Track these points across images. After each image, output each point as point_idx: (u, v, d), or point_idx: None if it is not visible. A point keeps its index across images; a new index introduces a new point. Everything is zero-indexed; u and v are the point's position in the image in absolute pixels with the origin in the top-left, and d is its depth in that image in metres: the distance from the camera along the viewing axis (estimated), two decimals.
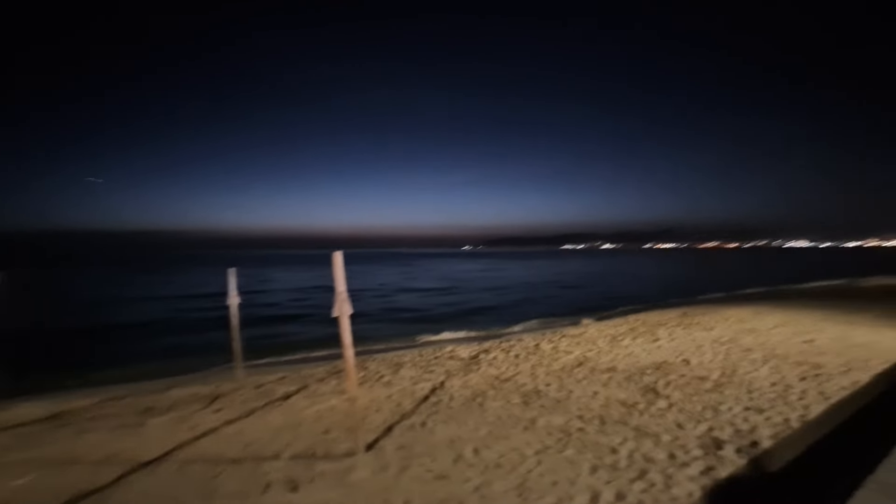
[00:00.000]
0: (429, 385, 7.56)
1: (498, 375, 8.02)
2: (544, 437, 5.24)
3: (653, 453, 4.79)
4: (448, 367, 8.77)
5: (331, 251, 4.82)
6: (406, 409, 6.39)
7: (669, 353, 9.38)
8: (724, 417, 5.77)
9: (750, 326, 12.29)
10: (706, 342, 10.32)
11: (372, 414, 6.20)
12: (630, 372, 7.95)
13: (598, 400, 6.50)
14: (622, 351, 9.65)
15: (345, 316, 4.81)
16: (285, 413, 6.45)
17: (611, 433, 5.33)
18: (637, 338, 11.08)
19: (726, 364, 8.35)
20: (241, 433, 5.71)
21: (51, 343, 15.06)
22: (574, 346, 10.40)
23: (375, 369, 8.88)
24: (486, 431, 5.44)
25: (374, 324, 17.76)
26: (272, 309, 23.60)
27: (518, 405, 6.36)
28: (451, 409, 6.27)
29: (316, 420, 6.06)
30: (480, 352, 10.19)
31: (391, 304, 25.70)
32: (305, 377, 8.62)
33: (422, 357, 9.89)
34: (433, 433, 5.41)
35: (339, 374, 8.73)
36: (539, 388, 7.12)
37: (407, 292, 32.64)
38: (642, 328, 12.66)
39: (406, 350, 11.21)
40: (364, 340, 13.34)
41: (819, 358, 8.60)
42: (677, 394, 6.72)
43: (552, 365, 8.64)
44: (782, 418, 5.70)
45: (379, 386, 7.65)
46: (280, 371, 9.32)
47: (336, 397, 7.08)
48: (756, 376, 7.52)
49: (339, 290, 4.78)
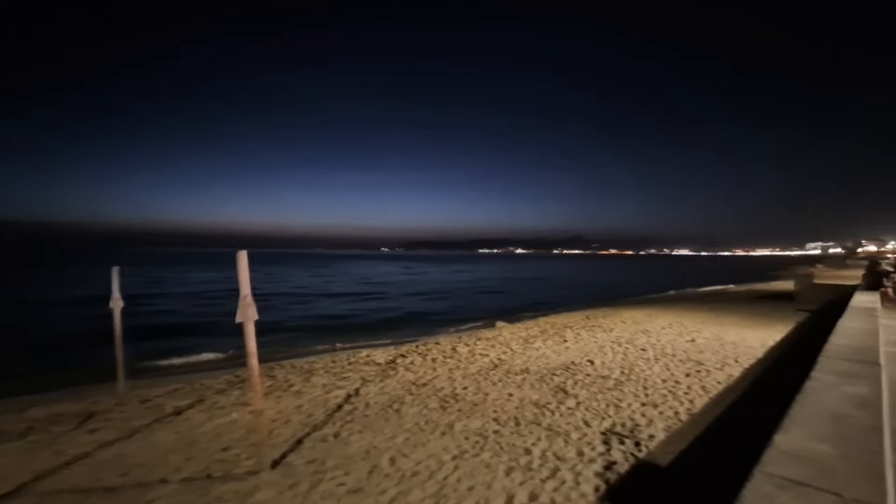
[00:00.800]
0: (343, 393, 7.22)
1: (415, 380, 7.89)
2: (462, 441, 5.22)
3: (563, 451, 4.98)
4: (364, 374, 8.46)
5: (237, 250, 4.36)
6: (318, 419, 6.01)
7: (576, 353, 9.93)
8: (625, 413, 6.20)
9: (644, 328, 13.48)
10: (607, 343, 11.11)
11: (279, 427, 5.74)
12: (542, 373, 8.28)
13: (513, 402, 6.66)
14: (534, 353, 10.04)
15: (249, 321, 4.39)
16: (177, 430, 5.74)
17: (525, 434, 5.45)
18: (547, 340, 11.62)
19: (625, 363, 9.03)
20: (122, 456, 4.97)
21: None
22: (489, 348, 10.62)
23: (284, 378, 8.30)
24: (403, 439, 5.29)
25: (288, 330, 16.69)
26: (166, 313, 21.30)
27: (436, 410, 6.29)
28: (367, 418, 6.02)
29: (214, 437, 5.47)
30: (398, 356, 9.99)
31: (307, 308, 24.47)
32: (202, 389, 7.77)
33: (335, 363, 9.45)
34: (347, 444, 5.14)
35: (241, 384, 8.02)
36: (456, 392, 7.12)
37: (326, 297, 31.36)
38: (551, 330, 13.32)
39: (319, 356, 10.65)
40: (273, 346, 12.49)
41: (700, 356, 9.64)
42: (584, 392, 7.10)
43: (469, 368, 8.71)
44: (673, 412, 6.25)
45: (288, 396, 7.13)
46: (172, 383, 8.32)
47: (238, 410, 6.47)
48: (650, 374, 8.21)
49: (243, 294, 4.35)
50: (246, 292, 4.33)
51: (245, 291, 4.32)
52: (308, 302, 27.47)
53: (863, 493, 1.95)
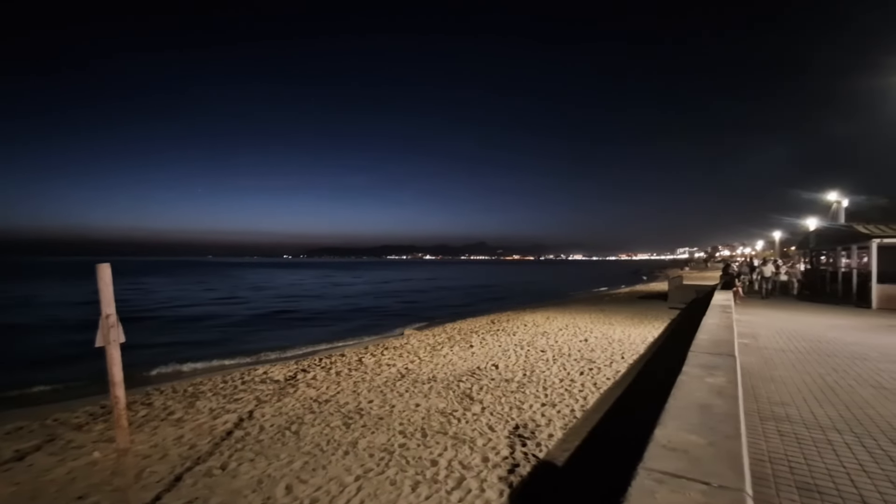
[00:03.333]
0: (234, 417, 6.54)
1: (317, 397, 7.43)
2: (366, 459, 4.98)
3: (469, 459, 4.97)
4: (259, 393, 7.77)
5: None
6: (202, 450, 5.34)
7: (482, 358, 10.14)
8: (527, 415, 6.41)
9: (543, 330, 14.26)
10: (511, 346, 11.53)
11: (154, 464, 5.00)
12: (448, 380, 8.29)
13: (420, 412, 6.55)
14: (441, 360, 10.06)
15: (114, 345, 3.75)
16: (16, 480, 4.73)
17: (431, 445, 5.37)
18: (454, 346, 11.74)
19: (527, 365, 9.42)
20: None
21: None
22: (397, 357, 10.44)
23: (163, 404, 7.31)
24: (302, 463, 4.90)
25: (166, 349, 14.84)
26: (16, 333, 17.88)
27: (339, 428, 5.95)
28: (261, 443, 5.49)
29: (66, 484, 4.58)
30: (298, 371, 9.37)
31: (193, 324, 22.08)
32: (54, 425, 6.53)
33: (227, 383, 8.58)
34: (236, 476, 4.62)
35: (107, 416, 6.90)
36: (361, 406, 6.82)
37: (215, 308, 28.63)
38: (458, 336, 13.51)
39: (208, 376, 9.59)
40: (151, 367, 10.98)
41: (592, 354, 10.39)
42: (489, 397, 7.23)
43: (375, 379, 8.44)
44: (569, 409, 6.61)
45: (166, 426, 6.27)
46: (14, 419, 6.90)
47: (101, 448, 5.52)
48: (549, 374, 8.64)
49: (106, 313, 3.71)
50: (109, 311, 3.69)
51: (108, 310, 3.68)
52: (192, 317, 24.82)
53: (726, 479, 2.13)
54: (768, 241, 54.37)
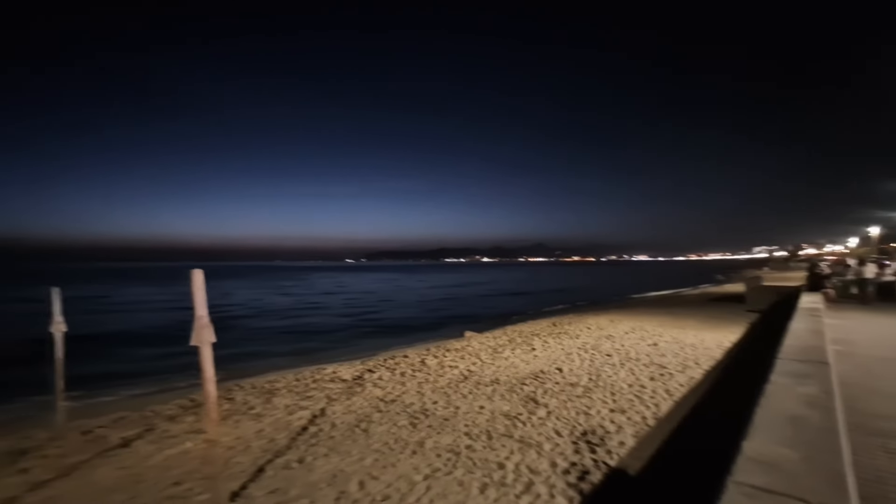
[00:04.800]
0: (307, 413, 6.88)
1: (383, 396, 7.64)
2: (433, 459, 5.05)
3: (536, 464, 4.89)
4: (329, 391, 8.12)
5: (195, 265, 4.04)
6: (280, 444, 5.67)
7: (544, 361, 9.95)
8: (595, 420, 6.21)
9: (607, 333, 13.74)
10: (574, 350, 11.22)
11: (238, 455, 5.37)
12: (511, 383, 8.21)
13: (484, 414, 6.54)
14: (503, 362, 9.99)
15: (206, 344, 4.07)
16: (122, 465, 5.27)
17: (497, 448, 5.34)
18: (516, 349, 11.61)
19: (592, 369, 9.12)
20: (56, 499, 4.49)
21: None
22: (458, 359, 10.49)
23: (244, 400, 7.84)
24: (372, 460, 5.06)
25: (248, 347, 15.92)
26: (115, 333, 19.95)
27: (405, 427, 6.08)
28: (333, 439, 5.73)
29: (164, 470, 5.04)
30: (365, 371, 9.69)
31: (269, 323, 23.51)
32: (151, 416, 7.21)
33: (299, 381, 9.05)
34: (312, 470, 4.85)
35: (196, 409, 7.51)
36: (426, 407, 6.93)
37: (288, 310, 30.30)
38: (519, 339, 13.35)
39: (281, 374, 10.17)
40: (232, 365, 11.81)
41: (662, 359, 9.87)
42: (554, 401, 7.08)
43: (439, 381, 8.54)
44: (640, 417, 6.32)
45: (247, 420, 6.72)
46: (117, 410, 7.69)
47: (192, 438, 6.02)
48: (616, 379, 8.32)
49: (199, 314, 4.04)
50: (202, 313, 4.02)
51: (201, 312, 4.01)
52: (269, 316, 26.43)
53: (827, 497, 1.95)
54: (863, 237, 48.91)
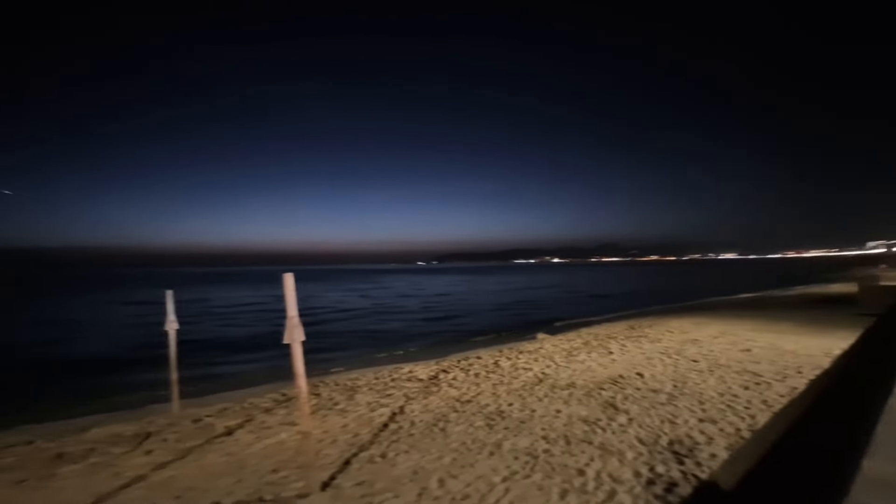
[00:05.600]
0: (387, 411, 7.18)
1: (459, 397, 7.77)
2: (511, 461, 5.05)
3: (619, 472, 4.73)
4: (407, 390, 8.41)
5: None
6: (364, 439, 5.98)
7: (623, 366, 9.55)
8: (682, 430, 5.86)
9: (693, 337, 12.86)
10: (655, 354, 10.64)
11: (326, 447, 5.74)
12: (589, 387, 7.98)
13: (561, 418, 6.42)
14: (579, 366, 9.72)
15: (296, 342, 4.43)
16: (228, 451, 5.84)
17: (577, 453, 5.23)
18: (591, 352, 11.25)
19: (676, 375, 8.60)
20: (175, 479, 5.08)
21: None
22: (532, 362, 10.38)
23: (329, 396, 8.36)
24: (451, 459, 5.17)
25: (330, 346, 16.93)
26: (214, 332, 22.09)
27: (482, 428, 6.15)
28: (413, 437, 5.94)
29: (263, 458, 5.52)
30: (440, 371, 9.90)
31: (349, 323, 24.79)
32: (250, 408, 7.93)
33: (378, 380, 9.46)
34: (394, 465, 5.07)
35: (287, 402, 8.13)
36: (502, 409, 6.95)
37: (366, 311, 31.73)
38: (595, 342, 12.91)
39: (361, 372, 10.69)
40: (317, 363, 12.63)
41: (757, 367, 9.06)
42: (635, 408, 6.78)
43: (513, 383, 8.52)
44: (734, 428, 5.86)
45: (333, 414, 7.16)
46: (221, 402, 8.53)
47: (285, 430, 6.53)
48: (705, 387, 7.77)
49: (290, 315, 4.40)
50: (293, 313, 4.38)
51: (292, 313, 4.37)
52: (349, 317, 27.84)
53: None
54: None
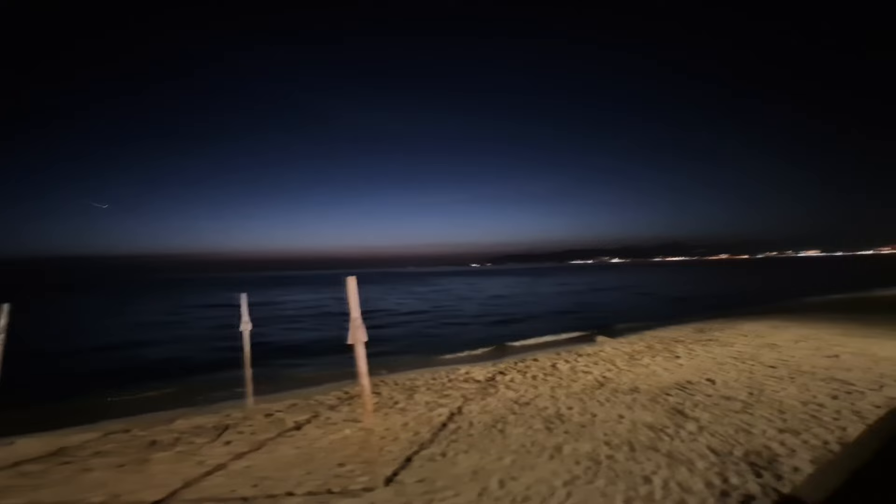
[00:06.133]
0: (446, 411, 7.29)
1: (517, 399, 7.73)
2: (572, 465, 4.97)
3: (689, 482, 4.51)
4: (464, 391, 8.49)
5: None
6: (424, 437, 6.12)
7: (691, 371, 9.07)
8: (759, 441, 5.48)
9: (770, 342, 11.96)
10: (727, 359, 10.01)
11: (389, 444, 5.94)
12: (654, 393, 7.66)
13: (625, 424, 6.22)
14: (643, 370, 9.35)
15: (359, 343, 4.63)
16: (297, 445, 6.20)
17: (642, 460, 5.05)
18: (656, 356, 10.76)
19: (752, 382, 8.04)
20: (252, 468, 5.46)
21: (51, 373, 14.86)
22: (592, 365, 10.10)
23: (389, 395, 8.61)
24: (510, 460, 5.17)
25: (389, 346, 17.41)
26: (281, 333, 23.37)
27: (541, 431, 6.09)
28: (472, 437, 6.00)
29: (330, 452, 5.81)
30: (496, 373, 9.90)
31: (406, 325, 25.35)
32: (316, 404, 8.34)
33: (436, 380, 9.61)
34: (455, 464, 5.15)
35: (350, 400, 8.47)
36: (561, 412, 6.84)
37: (422, 313, 32.31)
38: (659, 345, 12.34)
39: (419, 372, 10.90)
40: (376, 363, 13.06)
41: (847, 374, 8.28)
42: (706, 415, 6.42)
43: (572, 386, 8.35)
44: (820, 441, 5.40)
45: (394, 413, 7.38)
46: (290, 398, 9.04)
47: (349, 426, 6.82)
48: (785, 395, 7.21)
49: (353, 316, 4.61)
50: (356, 315, 4.58)
51: (355, 314, 4.58)
52: (407, 319, 28.42)
53: None
54: None
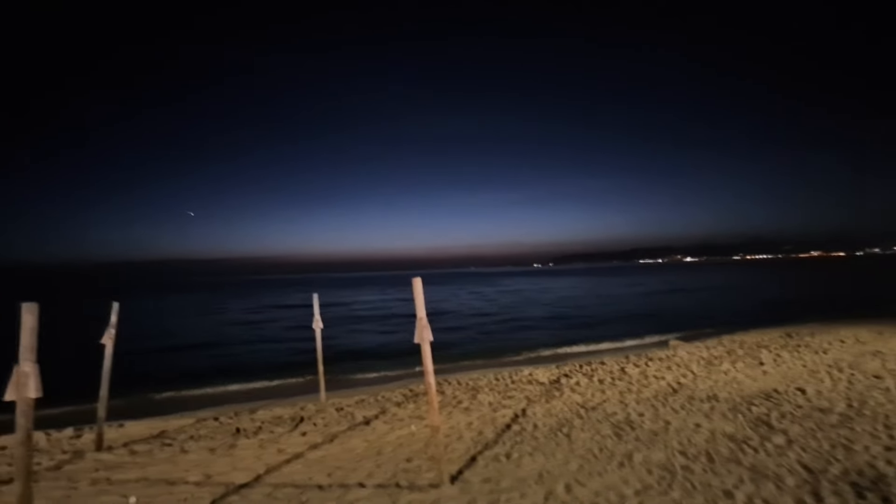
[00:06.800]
0: (510, 412, 7.26)
1: (583, 402, 7.52)
2: (644, 475, 4.76)
3: (777, 499, 4.16)
4: (528, 393, 8.40)
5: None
6: (488, 437, 6.14)
7: (778, 379, 8.33)
8: (861, 458, 4.93)
9: (873, 349, 10.68)
10: (821, 367, 9.08)
11: (453, 442, 6.02)
12: (735, 401, 7.12)
13: (702, 433, 5.84)
14: (722, 377, 8.72)
15: (426, 342, 4.74)
16: (367, 438, 6.47)
17: (722, 473, 4.72)
18: (737, 361, 9.99)
19: (851, 393, 7.24)
20: (326, 458, 5.78)
21: (152, 365, 16.55)
22: (665, 370, 9.58)
23: (452, 394, 8.73)
24: (577, 465, 5.05)
25: (452, 346, 17.64)
26: (350, 332, 24.42)
27: (609, 437, 5.88)
28: (537, 440, 5.93)
29: (397, 447, 6.00)
30: (561, 376, 9.69)
31: (468, 325, 25.54)
32: (383, 401, 8.66)
33: (499, 381, 9.60)
34: (520, 465, 5.12)
35: (415, 398, 8.69)
36: (631, 418, 6.56)
37: (483, 314, 32.36)
38: (740, 350, 11.45)
39: (482, 373, 10.94)
40: (439, 362, 13.30)
41: None
42: (796, 428, 5.88)
43: (642, 391, 7.98)
44: None
45: (458, 412, 7.47)
46: (358, 394, 9.46)
47: (415, 423, 7.00)
48: (893, 409, 6.42)
49: (419, 316, 4.73)
50: (422, 315, 4.71)
51: (421, 314, 4.70)
52: (470, 319, 28.59)
53: None
54: None
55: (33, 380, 3.36)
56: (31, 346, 3.38)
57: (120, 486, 5.23)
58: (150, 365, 16.33)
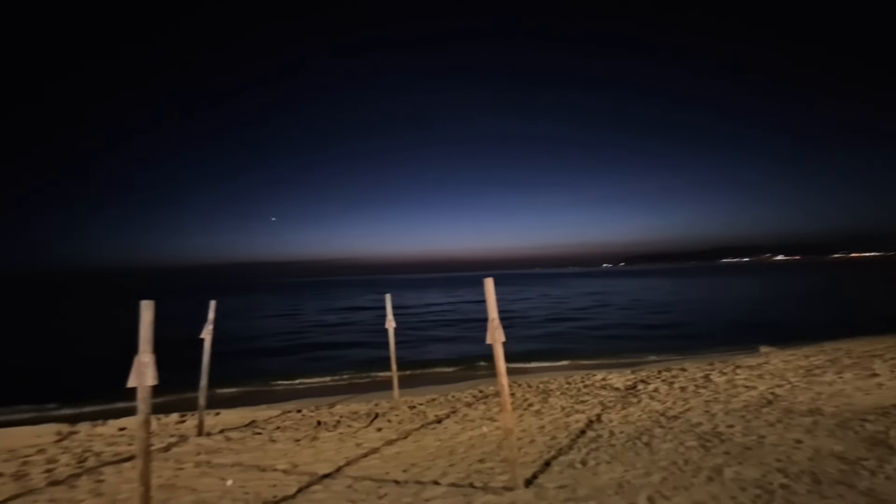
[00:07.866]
0: (583, 417, 7.03)
1: (663, 411, 7.09)
2: (736, 491, 4.39)
3: None
4: (602, 398, 8.07)
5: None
6: (562, 443, 5.98)
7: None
8: None
9: None
10: None
11: (525, 445, 5.94)
12: (843, 416, 6.36)
13: (804, 451, 5.28)
14: (825, 388, 7.83)
15: (498, 343, 4.72)
16: (439, 437, 6.57)
17: (830, 496, 4.24)
18: (843, 372, 8.92)
19: None
20: (401, 455, 5.94)
21: (242, 360, 17.97)
22: (756, 379, 8.78)
23: (523, 396, 8.61)
24: (660, 478, 4.77)
25: (522, 348, 17.45)
26: (418, 330, 24.97)
27: (695, 449, 5.49)
28: (614, 448, 5.67)
29: (469, 447, 6.03)
30: (637, 381, 9.21)
31: (539, 327, 25.14)
32: (453, 401, 8.74)
33: (570, 385, 9.32)
34: (596, 474, 4.93)
35: (484, 399, 8.68)
36: (719, 430, 6.08)
37: (554, 316, 31.70)
38: (847, 359, 10.20)
39: (552, 375, 10.70)
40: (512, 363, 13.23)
41: None
42: None
43: (731, 402, 7.37)
44: None
45: (529, 415, 7.36)
46: (429, 393, 9.63)
47: (486, 424, 6.99)
48: None
49: (491, 317, 4.73)
50: (494, 316, 4.70)
51: (493, 315, 4.70)
52: (539, 321, 28.10)
53: None
54: None
55: (151, 369, 3.79)
56: (148, 338, 3.81)
57: (218, 470, 5.73)
58: (239, 359, 17.75)
